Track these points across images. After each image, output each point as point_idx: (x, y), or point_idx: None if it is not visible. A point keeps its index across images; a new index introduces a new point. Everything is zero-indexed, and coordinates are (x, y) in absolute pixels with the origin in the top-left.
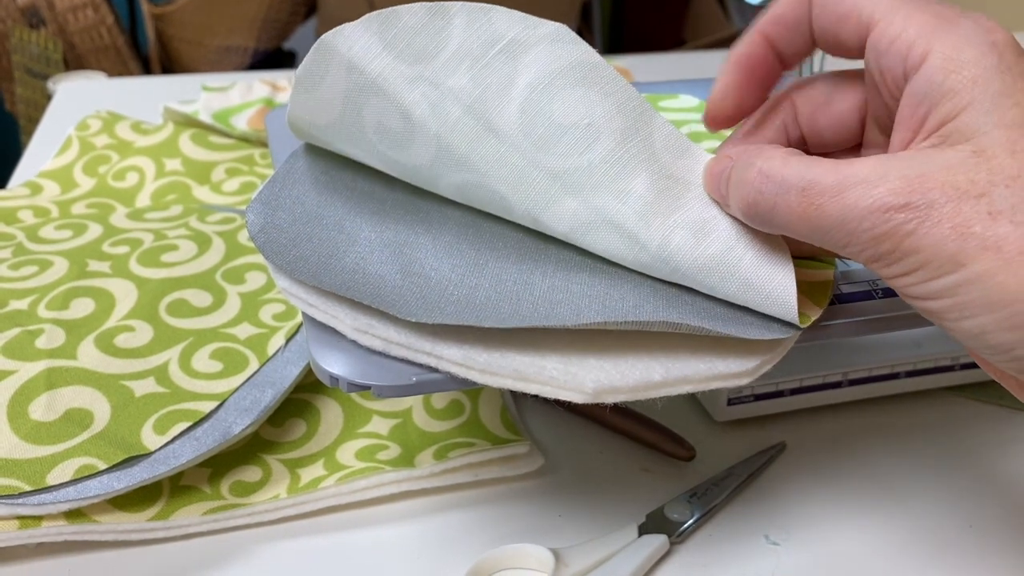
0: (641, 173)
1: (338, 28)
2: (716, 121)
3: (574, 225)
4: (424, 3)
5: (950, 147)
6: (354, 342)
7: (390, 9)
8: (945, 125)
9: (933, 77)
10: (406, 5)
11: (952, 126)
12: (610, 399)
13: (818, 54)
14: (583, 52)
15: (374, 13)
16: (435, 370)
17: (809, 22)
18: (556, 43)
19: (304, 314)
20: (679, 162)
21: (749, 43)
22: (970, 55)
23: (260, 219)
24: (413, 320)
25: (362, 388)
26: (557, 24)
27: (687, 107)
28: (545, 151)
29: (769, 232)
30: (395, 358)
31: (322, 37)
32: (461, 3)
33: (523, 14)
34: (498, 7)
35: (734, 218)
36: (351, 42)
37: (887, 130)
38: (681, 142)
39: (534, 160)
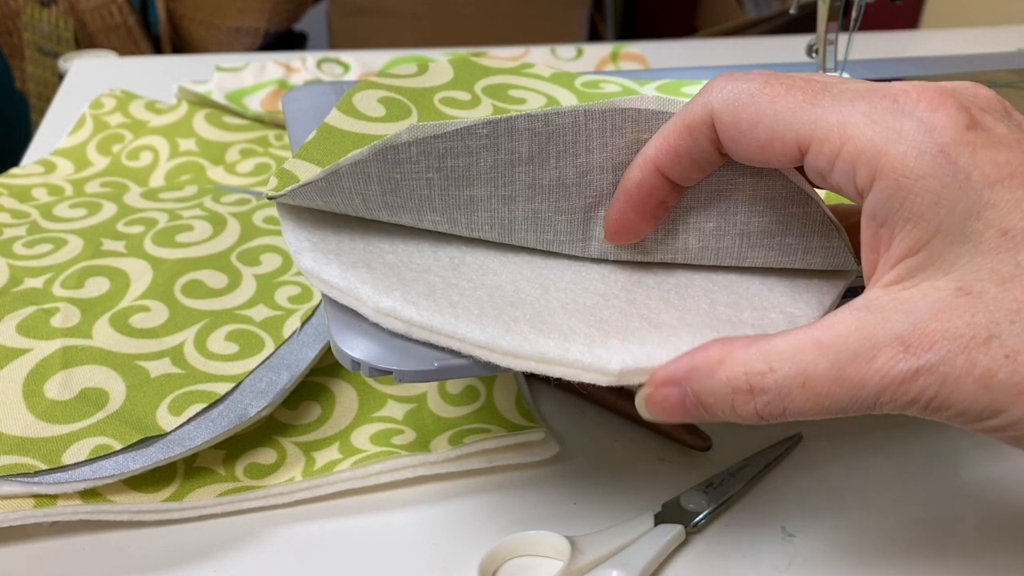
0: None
1: None
2: (615, 239)
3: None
4: None
5: (928, 283)
6: (375, 325)
7: None
8: (915, 255)
9: (889, 201)
10: None
11: (923, 257)
12: (636, 380)
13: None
14: None
15: None
16: (457, 354)
17: (714, 149)
18: None
19: (324, 297)
20: None
21: (641, 170)
22: (922, 168)
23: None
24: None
25: (384, 373)
26: None
27: None
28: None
29: None
30: (417, 341)
31: None
32: None
33: None
34: None
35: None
36: None
37: None
38: None
39: None
